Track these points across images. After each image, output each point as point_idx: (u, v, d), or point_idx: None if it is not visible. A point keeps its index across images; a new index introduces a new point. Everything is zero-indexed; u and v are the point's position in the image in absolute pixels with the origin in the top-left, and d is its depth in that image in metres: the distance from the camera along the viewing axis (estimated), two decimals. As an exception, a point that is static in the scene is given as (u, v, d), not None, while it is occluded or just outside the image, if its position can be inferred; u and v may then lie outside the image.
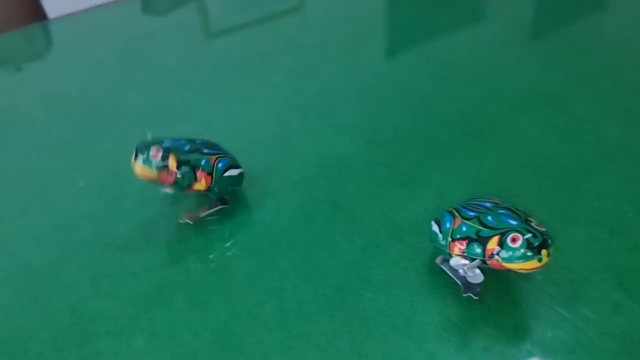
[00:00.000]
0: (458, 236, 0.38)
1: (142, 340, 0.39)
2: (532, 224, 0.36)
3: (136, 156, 0.42)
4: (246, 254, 0.45)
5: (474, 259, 0.37)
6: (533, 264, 0.35)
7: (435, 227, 0.40)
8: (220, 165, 0.45)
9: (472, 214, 0.38)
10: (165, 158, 0.43)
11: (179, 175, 0.43)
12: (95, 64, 0.78)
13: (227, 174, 0.46)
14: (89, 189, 0.53)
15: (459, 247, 0.38)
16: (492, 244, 0.36)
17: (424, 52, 0.73)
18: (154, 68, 0.75)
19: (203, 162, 0.45)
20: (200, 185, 0.45)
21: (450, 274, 0.41)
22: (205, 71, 0.73)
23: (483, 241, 0.36)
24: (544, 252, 0.35)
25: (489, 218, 0.37)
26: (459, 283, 0.40)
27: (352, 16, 0.86)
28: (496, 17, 0.81)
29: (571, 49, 0.70)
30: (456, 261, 0.37)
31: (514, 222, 0.36)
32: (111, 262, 0.45)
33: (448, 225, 0.39)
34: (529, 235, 0.35)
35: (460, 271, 0.37)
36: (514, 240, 0.35)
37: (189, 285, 0.42)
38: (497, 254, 0.35)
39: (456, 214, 0.39)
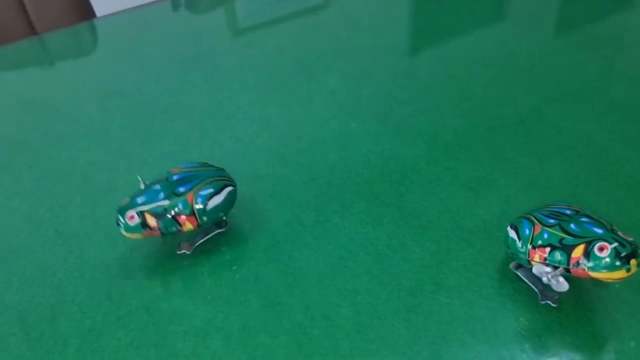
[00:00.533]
0: (539, 243, 0.37)
1: (219, 341, 0.39)
2: (619, 233, 0.36)
3: (118, 224, 0.43)
4: (316, 256, 0.45)
5: (556, 267, 0.37)
6: (621, 273, 0.34)
7: (512, 233, 0.40)
8: (198, 200, 0.43)
9: (552, 221, 0.38)
10: (142, 219, 0.43)
11: (162, 229, 0.43)
12: (148, 62, 0.79)
13: (210, 205, 0.44)
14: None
15: (539, 254, 0.37)
16: (578, 253, 0.35)
17: (480, 55, 0.72)
18: (206, 67, 0.76)
19: (180, 206, 0.43)
20: (188, 227, 0.44)
21: (527, 281, 0.41)
22: (260, 71, 0.73)
23: (567, 249, 0.36)
24: (632, 262, 0.34)
25: (572, 226, 0.37)
26: (536, 290, 0.40)
27: (395, 16, 0.86)
28: (552, 20, 0.80)
29: (633, 53, 0.69)
30: (539, 268, 0.37)
31: (599, 231, 0.36)
32: (182, 261, 0.45)
33: (527, 231, 0.39)
34: (616, 245, 0.34)
35: (544, 279, 0.37)
36: (601, 249, 0.35)
37: (261, 287, 0.43)
38: (583, 262, 0.35)
39: (535, 220, 0.39)
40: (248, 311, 0.41)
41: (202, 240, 0.46)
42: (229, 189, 0.45)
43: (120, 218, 0.43)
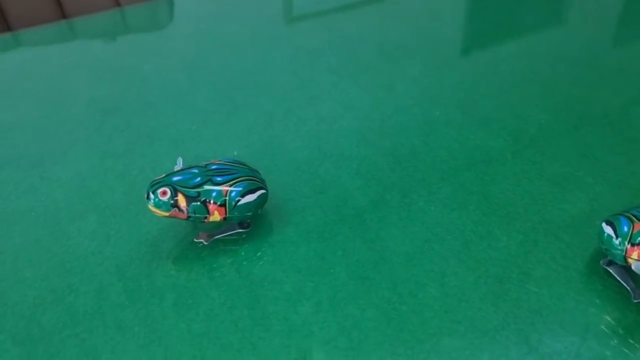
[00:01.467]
0: (639, 241, 0.37)
1: (309, 308, 0.40)
2: None
3: (147, 197, 0.43)
4: (403, 236, 0.46)
5: (656, 265, 0.36)
6: None
7: (608, 229, 0.40)
8: (233, 194, 0.43)
9: (653, 219, 0.38)
10: (173, 197, 0.43)
11: (190, 212, 0.43)
12: (231, 39, 0.80)
13: (242, 202, 0.44)
14: (242, 159, 0.55)
15: (638, 252, 0.37)
16: (681, 252, 0.35)
17: (564, 54, 0.71)
18: (288, 47, 0.77)
19: (214, 194, 0.43)
20: (215, 217, 0.44)
21: (619, 278, 0.40)
22: (341, 54, 0.74)
23: (668, 248, 0.36)
24: None
25: (675, 225, 0.37)
26: (628, 288, 0.40)
27: (475, 9, 0.85)
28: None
29: None
30: (638, 266, 0.37)
31: None
32: (271, 229, 0.47)
33: (626, 229, 0.38)
34: None
35: (644, 276, 0.36)
36: None
37: (349, 261, 0.44)
38: (687, 262, 0.35)
39: (634, 218, 0.39)
40: (337, 282, 0.42)
41: (221, 235, 0.46)
42: (262, 191, 0.45)
43: (152, 192, 0.43)
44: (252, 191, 0.45)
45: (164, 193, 0.43)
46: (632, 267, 0.37)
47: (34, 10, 1.03)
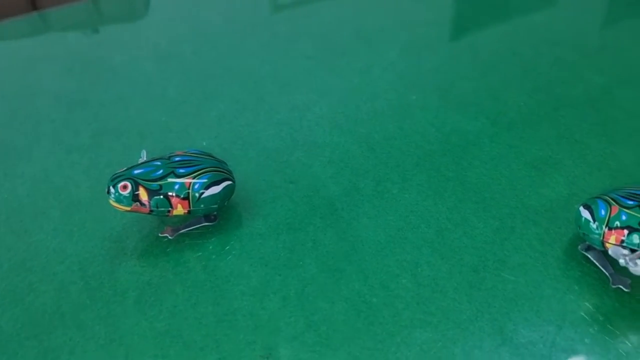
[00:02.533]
0: (616, 224, 0.36)
1: (276, 303, 0.39)
2: None
3: (108, 192, 0.41)
4: (375, 225, 0.44)
5: (633, 250, 0.35)
6: None
7: (585, 213, 0.38)
8: (196, 186, 0.42)
9: (631, 202, 0.36)
10: (134, 191, 0.41)
11: (152, 207, 0.41)
12: (205, 27, 0.78)
13: (206, 194, 0.42)
14: (211, 149, 0.53)
15: (616, 236, 0.36)
16: (659, 235, 0.34)
17: (546, 34, 0.70)
18: (264, 35, 0.75)
19: (176, 187, 0.41)
20: (179, 211, 0.42)
21: (597, 264, 0.39)
22: (318, 40, 0.72)
23: (647, 231, 0.34)
24: None
25: (654, 207, 0.35)
26: (607, 273, 0.38)
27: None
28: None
29: None
30: (616, 250, 0.35)
31: (684, 214, 0.34)
32: (240, 222, 0.45)
33: (603, 212, 0.37)
34: (703, 229, 0.33)
35: (621, 261, 0.35)
36: (685, 233, 0.33)
37: (319, 252, 0.42)
38: (665, 245, 0.33)
39: (611, 201, 0.37)
40: (306, 275, 0.40)
41: (187, 229, 0.45)
42: (228, 183, 0.44)
43: (112, 187, 0.41)
44: (217, 183, 0.43)
45: (125, 187, 0.41)
46: (610, 252, 0.36)
47: (5, 2, 1.00)
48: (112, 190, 0.41)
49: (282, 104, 0.59)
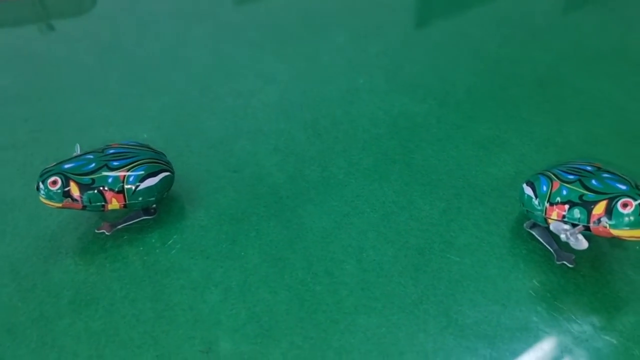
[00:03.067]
0: (557, 200, 0.35)
1: (217, 295, 0.37)
2: (644, 189, 0.33)
3: (37, 188, 0.39)
4: (320, 212, 0.43)
5: (575, 225, 0.34)
6: (644, 231, 0.32)
7: (528, 190, 0.38)
8: (131, 179, 0.40)
9: (572, 177, 0.36)
10: (65, 186, 0.39)
11: (85, 202, 0.39)
12: (147, 17, 0.76)
13: (142, 186, 0.40)
14: (153, 141, 0.51)
15: (557, 211, 0.35)
16: (599, 209, 0.33)
17: (494, 13, 0.69)
18: (210, 24, 0.73)
19: (110, 180, 0.39)
20: (114, 205, 0.40)
21: (542, 241, 0.39)
22: (265, 27, 0.71)
23: (587, 206, 0.34)
24: (658, 219, 0.32)
25: (594, 182, 0.35)
26: (551, 250, 0.38)
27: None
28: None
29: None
30: (557, 226, 0.35)
31: (623, 187, 0.34)
32: (182, 214, 0.44)
33: (545, 188, 0.36)
34: (641, 201, 0.32)
35: (562, 236, 0.34)
36: (625, 205, 0.32)
37: (262, 242, 0.41)
38: (604, 220, 0.33)
39: (553, 177, 0.37)
40: (248, 266, 0.39)
41: (125, 224, 0.43)
42: (166, 174, 0.42)
43: (41, 183, 0.39)
44: (154, 174, 0.41)
45: (54, 183, 0.39)
46: (551, 228, 0.35)
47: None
48: (41, 186, 0.39)
49: (227, 92, 0.58)
